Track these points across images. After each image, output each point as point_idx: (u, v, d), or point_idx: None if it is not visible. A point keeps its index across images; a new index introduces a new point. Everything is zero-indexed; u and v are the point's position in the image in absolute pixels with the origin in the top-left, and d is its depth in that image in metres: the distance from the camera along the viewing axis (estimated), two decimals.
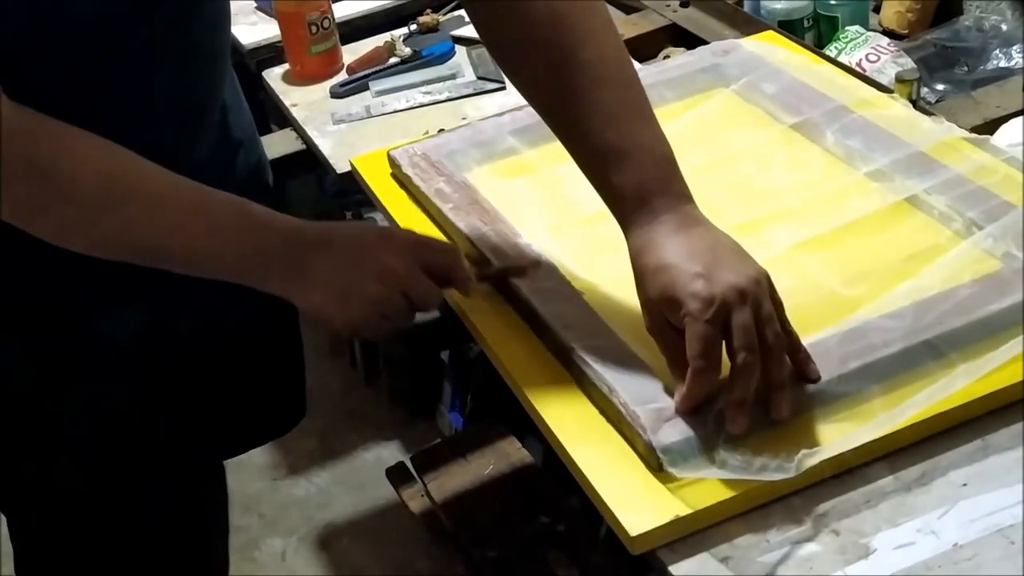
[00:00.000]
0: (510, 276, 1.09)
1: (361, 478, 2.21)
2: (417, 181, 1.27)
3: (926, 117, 1.27)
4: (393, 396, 2.30)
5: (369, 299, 0.96)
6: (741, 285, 0.88)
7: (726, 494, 0.88)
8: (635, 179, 0.94)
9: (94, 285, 0.99)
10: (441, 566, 1.60)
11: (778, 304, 0.91)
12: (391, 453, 2.24)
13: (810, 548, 0.86)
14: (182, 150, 1.01)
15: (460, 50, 1.71)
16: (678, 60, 1.47)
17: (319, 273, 0.95)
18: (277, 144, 1.64)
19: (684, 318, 0.88)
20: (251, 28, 1.87)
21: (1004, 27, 1.56)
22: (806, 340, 0.96)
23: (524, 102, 1.48)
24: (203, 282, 0.96)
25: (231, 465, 1.97)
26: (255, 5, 1.92)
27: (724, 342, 0.89)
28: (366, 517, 2.13)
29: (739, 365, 0.88)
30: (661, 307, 0.91)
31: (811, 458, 0.88)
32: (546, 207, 1.25)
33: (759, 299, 0.89)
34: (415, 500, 1.60)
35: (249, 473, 2.25)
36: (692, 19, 1.71)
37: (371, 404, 2.34)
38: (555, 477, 1.58)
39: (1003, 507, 0.87)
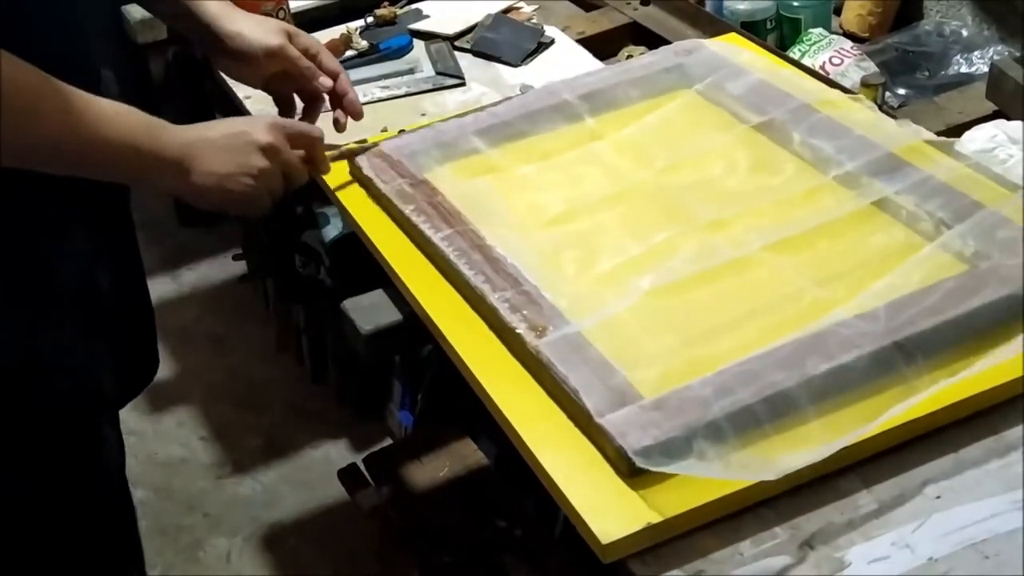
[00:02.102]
0: (356, 155, 1.28)
1: (309, 477, 2.17)
2: (378, 182, 1.24)
3: (892, 119, 1.27)
4: (342, 394, 2.26)
5: (255, 174, 1.10)
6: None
7: (699, 501, 0.87)
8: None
9: None
10: (392, 569, 1.57)
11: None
12: (339, 452, 2.21)
13: (784, 561, 0.85)
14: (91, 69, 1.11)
15: (418, 44, 1.68)
16: (642, 60, 1.45)
17: (208, 166, 1.08)
18: None
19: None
20: None
21: (965, 32, 1.57)
22: (777, 343, 0.95)
23: (485, 100, 1.49)
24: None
25: (173, 462, 1.93)
26: None
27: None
28: (314, 517, 2.09)
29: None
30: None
31: (791, 462, 0.87)
32: (510, 207, 1.22)
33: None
34: (368, 502, 1.57)
35: (193, 471, 2.20)
36: (653, 18, 1.70)
37: (318, 401, 2.30)
38: (510, 479, 1.56)
39: (977, 520, 0.86)
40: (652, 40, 1.65)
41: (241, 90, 1.62)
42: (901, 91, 1.51)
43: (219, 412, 2.34)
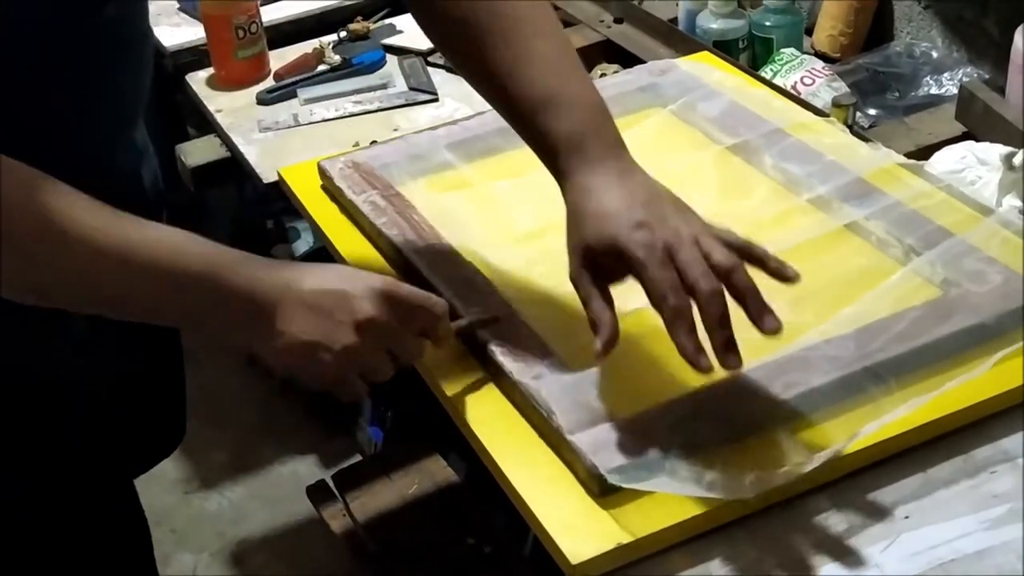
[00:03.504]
0: (483, 328, 1.02)
1: (277, 493, 2.15)
2: (349, 194, 1.24)
3: (863, 143, 1.28)
4: (310, 409, 2.25)
5: (345, 354, 0.86)
6: (683, 229, 0.88)
7: (670, 520, 0.87)
8: (570, 125, 0.93)
9: None
10: None
11: (737, 248, 0.90)
12: (308, 468, 2.19)
13: None
14: (105, 159, 0.97)
15: (391, 59, 1.68)
16: (615, 78, 1.45)
17: (288, 324, 0.85)
18: (200, 151, 1.59)
19: (635, 268, 0.87)
20: (174, 30, 1.81)
21: (935, 54, 1.58)
22: (748, 366, 0.95)
23: (458, 115, 1.49)
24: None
25: (140, 478, 1.90)
26: (178, 6, 1.87)
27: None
28: (282, 533, 2.08)
29: (701, 300, 0.86)
30: (597, 253, 0.89)
31: (764, 481, 0.86)
32: (482, 223, 1.22)
33: (704, 240, 0.88)
34: (336, 519, 1.56)
35: (160, 486, 2.18)
36: (626, 36, 1.70)
37: (287, 416, 2.29)
38: (480, 496, 1.55)
39: (945, 541, 0.86)
40: (625, 58, 1.66)
41: (212, 103, 1.62)
42: (872, 111, 1.52)
43: (187, 426, 2.31)
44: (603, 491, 0.89)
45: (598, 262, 0.90)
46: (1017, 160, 1.22)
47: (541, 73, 0.95)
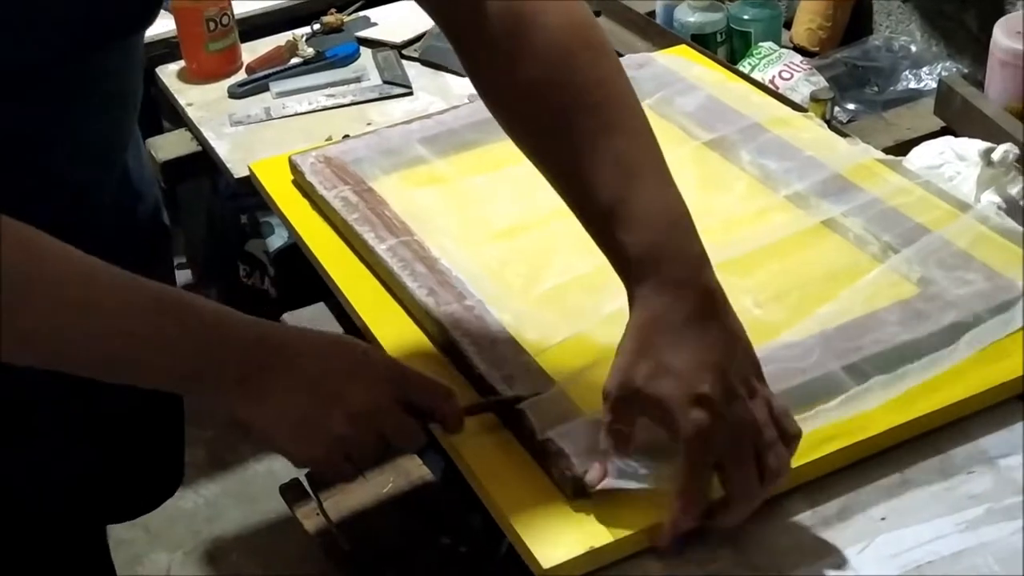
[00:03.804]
0: (504, 410, 0.94)
1: (252, 491, 2.13)
2: (320, 189, 1.22)
3: (841, 138, 1.27)
4: None
5: (333, 439, 0.81)
6: (745, 419, 0.80)
7: (643, 524, 0.85)
8: (645, 240, 0.82)
9: None
10: None
11: (782, 413, 0.83)
12: (283, 465, 2.13)
13: None
14: (89, 196, 0.94)
15: (365, 52, 1.66)
16: None
17: (277, 398, 0.79)
18: (171, 145, 1.57)
19: (679, 437, 0.80)
20: None
21: (914, 48, 1.57)
22: None
23: (432, 109, 1.47)
24: None
25: None
26: None
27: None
28: (257, 532, 2.05)
29: (731, 495, 0.82)
30: (646, 404, 0.81)
31: None
32: (456, 219, 1.20)
33: (758, 431, 0.81)
34: (310, 518, 1.54)
35: None
36: (604, 29, 1.68)
37: None
38: (456, 495, 1.53)
39: (922, 543, 0.85)
40: None
41: (183, 96, 1.60)
42: (850, 106, 1.51)
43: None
44: (576, 494, 0.87)
45: (643, 407, 0.82)
46: (996, 155, 1.21)
47: (613, 175, 0.84)
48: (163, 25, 1.75)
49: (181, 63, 1.67)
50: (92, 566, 1.19)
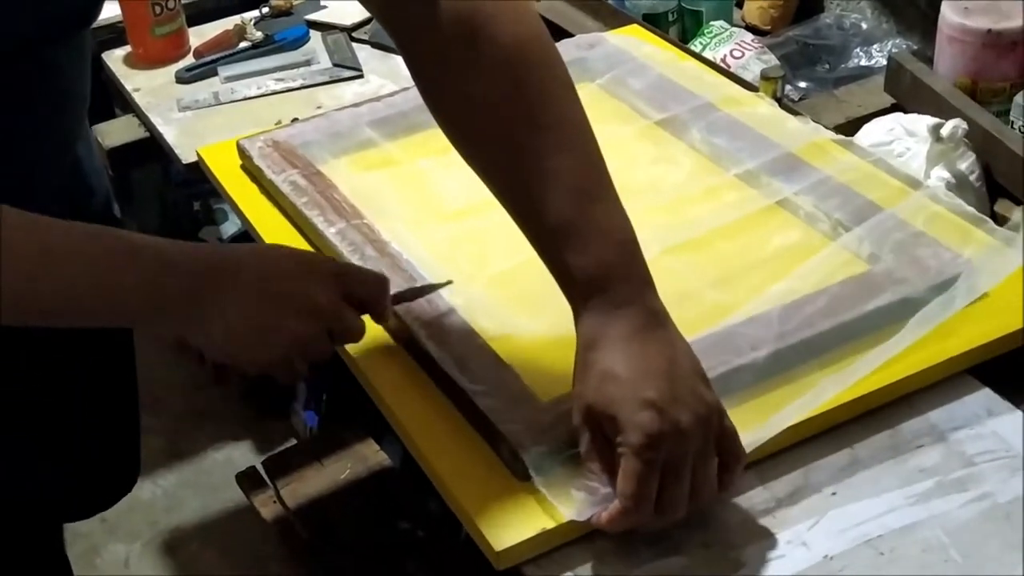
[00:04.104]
0: (419, 296, 1.00)
1: (211, 480, 2.12)
2: (269, 174, 1.21)
3: (792, 117, 1.27)
4: (244, 394, 2.21)
5: (288, 338, 0.83)
6: (689, 426, 0.79)
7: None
8: (594, 262, 0.83)
9: None
10: (295, 573, 1.53)
11: (728, 435, 0.83)
12: (242, 454, 2.15)
13: (680, 562, 0.84)
14: (40, 191, 0.92)
15: (315, 35, 1.64)
16: None
17: (225, 309, 0.81)
18: (119, 132, 1.55)
19: (621, 446, 0.80)
20: None
21: (864, 25, 1.57)
22: None
23: (383, 91, 1.45)
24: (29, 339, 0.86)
25: None
26: None
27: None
28: (216, 521, 2.04)
29: (662, 503, 0.81)
30: (597, 415, 0.81)
31: None
32: (407, 202, 1.20)
33: (702, 439, 0.81)
34: (267, 506, 1.54)
35: None
36: (556, 10, 1.68)
37: (220, 402, 2.25)
38: (414, 480, 1.53)
39: (871, 517, 0.86)
40: (555, 32, 1.62)
41: (129, 82, 1.58)
42: (802, 84, 1.51)
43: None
44: (527, 476, 0.87)
45: (598, 419, 0.82)
46: (945, 131, 1.21)
47: (563, 196, 0.83)
48: (109, 10, 1.71)
49: (128, 48, 1.64)
50: (46, 564, 1.17)
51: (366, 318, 0.90)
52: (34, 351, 0.94)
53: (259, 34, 1.62)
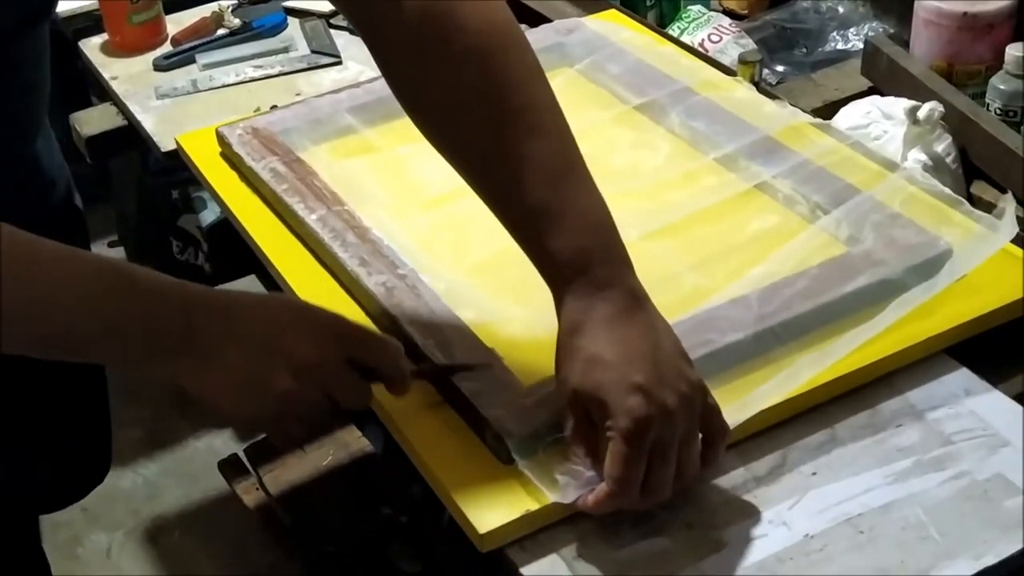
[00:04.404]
0: (455, 374, 0.93)
1: (192, 468, 2.12)
2: (248, 161, 1.20)
3: (770, 100, 1.27)
4: None
5: (279, 396, 0.79)
6: (676, 407, 0.80)
7: None
8: (573, 244, 0.83)
9: None
10: (278, 561, 1.53)
11: (712, 411, 0.84)
12: (223, 442, 2.15)
13: (662, 543, 0.84)
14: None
15: (293, 22, 1.64)
16: None
17: (219, 357, 0.77)
18: (96, 120, 1.53)
19: (609, 430, 0.80)
20: None
21: (841, 9, 1.58)
22: None
23: (362, 78, 1.45)
24: None
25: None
26: None
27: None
28: (198, 509, 2.04)
29: (648, 484, 0.81)
30: (584, 400, 0.82)
31: None
32: (387, 189, 1.20)
33: (687, 419, 0.81)
34: (249, 494, 1.53)
35: None
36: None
37: None
38: (397, 466, 1.53)
39: (851, 496, 0.87)
40: (533, 18, 1.63)
41: (107, 70, 1.57)
42: (779, 68, 1.52)
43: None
44: (511, 460, 0.87)
45: (584, 404, 0.82)
46: (921, 114, 1.22)
47: (539, 180, 0.83)
48: None
49: (105, 36, 1.63)
50: (22, 557, 1.17)
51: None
52: None
53: (237, 21, 1.61)
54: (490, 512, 0.85)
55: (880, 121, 1.26)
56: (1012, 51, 1.28)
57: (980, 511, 0.85)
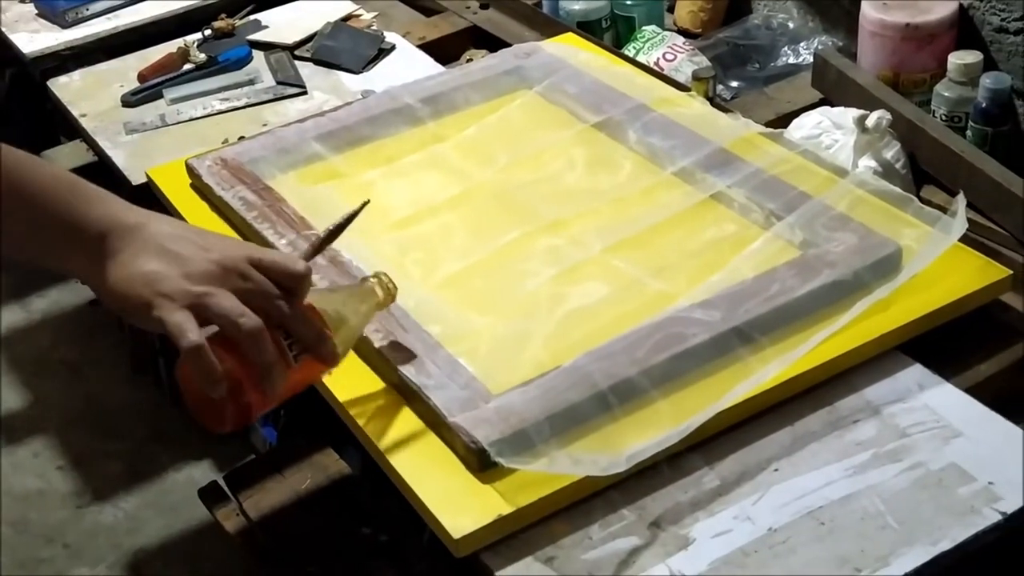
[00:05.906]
0: (337, 235, 0.98)
1: (172, 500, 2.12)
2: (219, 190, 1.23)
3: (723, 114, 1.31)
4: None
5: (186, 292, 0.81)
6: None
7: (548, 490, 0.89)
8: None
9: None
10: None
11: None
12: (203, 473, 2.16)
13: (632, 542, 0.87)
14: None
15: (258, 55, 1.67)
16: (481, 63, 1.47)
17: (133, 263, 0.82)
18: (67, 157, 1.56)
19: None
20: (32, 36, 1.77)
21: (791, 25, 1.62)
22: (621, 333, 0.97)
23: (327, 107, 1.49)
24: None
25: (30, 495, 1.86)
26: (35, 12, 1.83)
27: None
28: (180, 540, 2.04)
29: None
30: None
31: (639, 450, 0.89)
32: None
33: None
34: (230, 519, 1.54)
35: (51, 502, 2.13)
36: (492, 21, 1.72)
37: (179, 423, 2.25)
38: (375, 486, 1.55)
39: (812, 490, 0.90)
40: (493, 43, 1.67)
41: (75, 108, 1.59)
42: (733, 83, 1.55)
43: (76, 440, 2.27)
44: (482, 466, 0.90)
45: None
46: (870, 122, 1.26)
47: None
48: (53, 38, 1.75)
49: (73, 75, 1.66)
50: None
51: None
52: None
53: (203, 56, 1.64)
54: (463, 518, 0.87)
55: (831, 131, 1.30)
56: (955, 59, 1.32)
57: (936, 499, 0.88)
